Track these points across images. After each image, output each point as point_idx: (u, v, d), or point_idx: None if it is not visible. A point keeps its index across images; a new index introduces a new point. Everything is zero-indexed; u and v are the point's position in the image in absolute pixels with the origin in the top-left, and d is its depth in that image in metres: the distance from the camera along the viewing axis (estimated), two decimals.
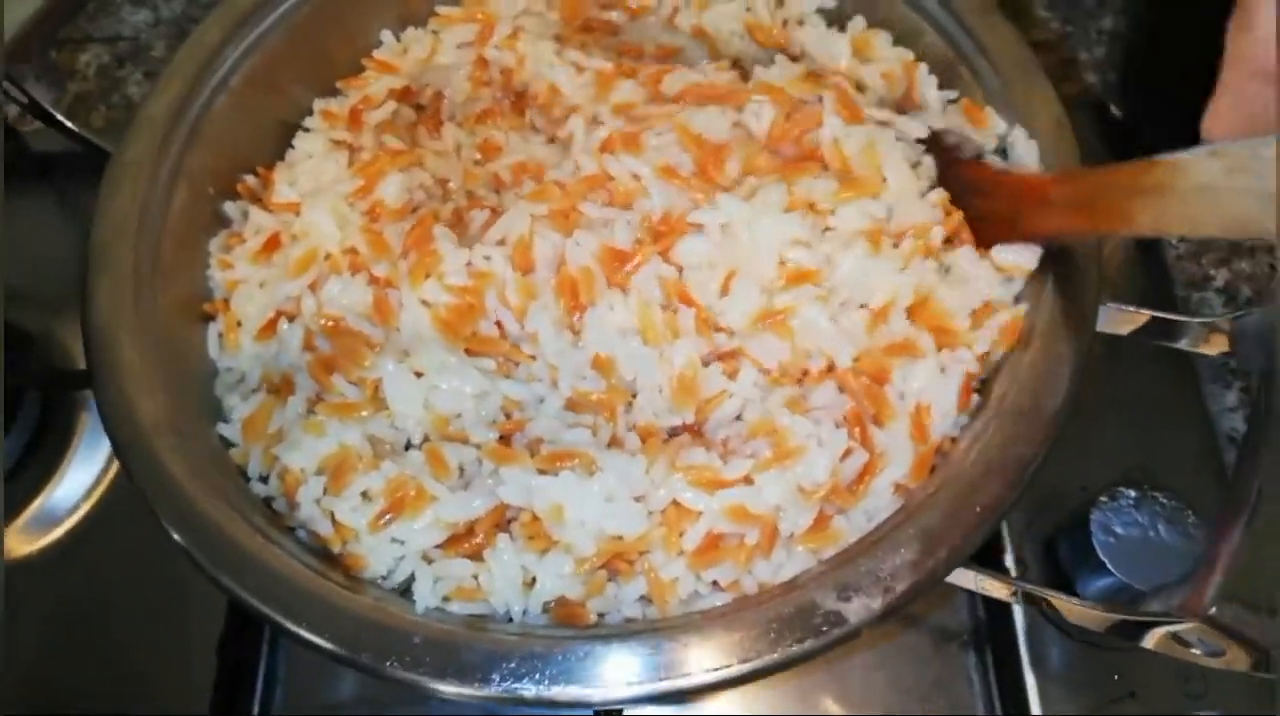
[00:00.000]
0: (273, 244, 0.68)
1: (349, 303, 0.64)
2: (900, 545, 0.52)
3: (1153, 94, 0.95)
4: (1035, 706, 0.72)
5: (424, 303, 0.63)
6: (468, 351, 0.62)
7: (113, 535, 0.80)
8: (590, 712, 0.61)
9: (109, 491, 0.82)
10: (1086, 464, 0.78)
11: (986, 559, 0.76)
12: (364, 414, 0.60)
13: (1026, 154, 0.63)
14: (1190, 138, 0.89)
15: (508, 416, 0.61)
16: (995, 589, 0.58)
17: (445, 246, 0.64)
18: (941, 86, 0.71)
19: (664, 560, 0.55)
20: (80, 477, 0.83)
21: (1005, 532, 0.77)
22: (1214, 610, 0.47)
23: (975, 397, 0.60)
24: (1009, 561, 0.76)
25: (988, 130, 0.66)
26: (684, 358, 0.60)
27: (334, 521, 0.57)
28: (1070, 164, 0.62)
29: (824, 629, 0.50)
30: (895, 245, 0.61)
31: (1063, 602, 0.55)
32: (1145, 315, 0.61)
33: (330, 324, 0.64)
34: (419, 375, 0.60)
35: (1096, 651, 0.73)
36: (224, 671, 0.73)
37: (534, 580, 0.56)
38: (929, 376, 0.58)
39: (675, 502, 0.56)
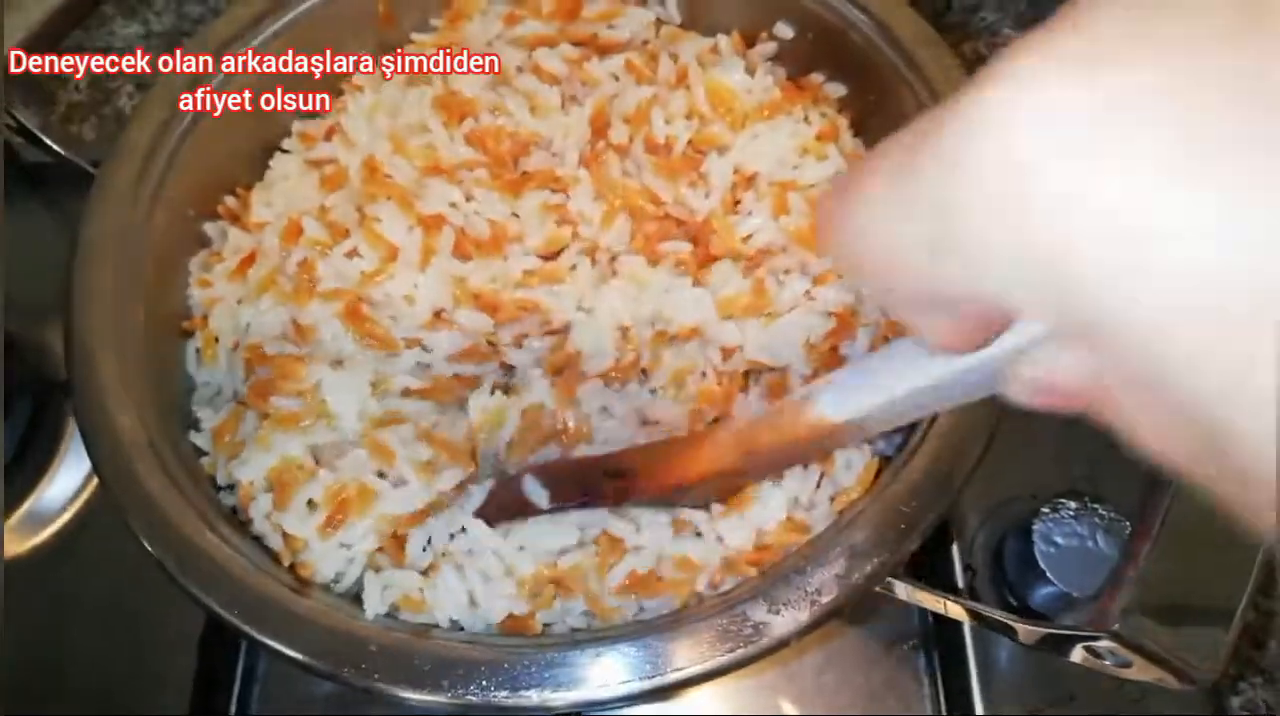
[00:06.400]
0: (249, 262, 0.71)
1: (266, 329, 0.68)
2: (828, 561, 0.55)
3: None
4: (979, 707, 0.75)
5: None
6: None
7: (101, 534, 0.83)
8: None
9: (97, 493, 0.86)
10: (1036, 473, 0.82)
11: (937, 566, 0.80)
12: (305, 423, 0.63)
13: None
14: None
15: None
16: (926, 600, 0.61)
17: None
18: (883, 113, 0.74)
19: (602, 590, 0.59)
20: (70, 479, 0.86)
21: (954, 539, 0.80)
22: (1119, 624, 0.50)
23: None
24: (957, 568, 0.80)
25: None
26: None
27: (284, 534, 0.61)
28: None
29: (754, 639, 0.53)
30: None
31: (985, 614, 0.58)
32: None
33: (256, 353, 0.67)
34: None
35: (1040, 655, 0.76)
36: (203, 669, 0.76)
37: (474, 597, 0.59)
38: None
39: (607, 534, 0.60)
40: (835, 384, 0.49)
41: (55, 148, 0.75)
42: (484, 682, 0.52)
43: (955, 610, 0.60)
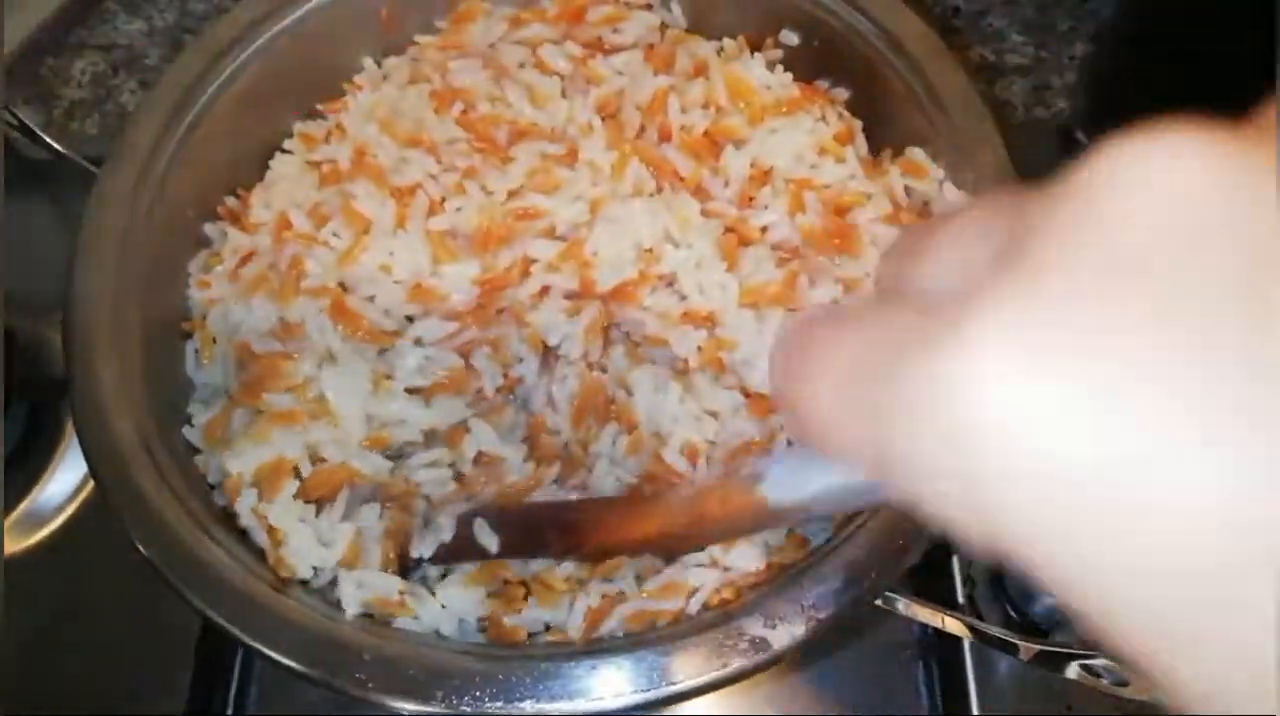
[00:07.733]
0: (246, 262, 0.71)
1: (255, 327, 0.68)
2: (824, 577, 0.55)
3: (1116, 121, 0.98)
4: None
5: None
6: None
7: (98, 534, 0.83)
8: None
9: (95, 493, 0.85)
10: None
11: (937, 578, 0.79)
12: (306, 420, 0.63)
13: (955, 199, 0.66)
14: None
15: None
16: (925, 615, 0.61)
17: None
18: (891, 126, 0.74)
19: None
20: (68, 478, 0.86)
21: (955, 551, 0.80)
22: None
23: None
24: (958, 581, 0.79)
25: (929, 179, 0.69)
26: None
27: (268, 528, 0.61)
28: None
29: (750, 654, 0.53)
30: None
31: (982, 630, 0.58)
32: None
33: (244, 351, 0.67)
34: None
35: (1038, 667, 0.76)
36: (200, 669, 0.76)
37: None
38: None
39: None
40: (782, 465, 0.46)
41: (55, 145, 0.75)
42: (478, 693, 0.52)
43: (953, 625, 0.60)
